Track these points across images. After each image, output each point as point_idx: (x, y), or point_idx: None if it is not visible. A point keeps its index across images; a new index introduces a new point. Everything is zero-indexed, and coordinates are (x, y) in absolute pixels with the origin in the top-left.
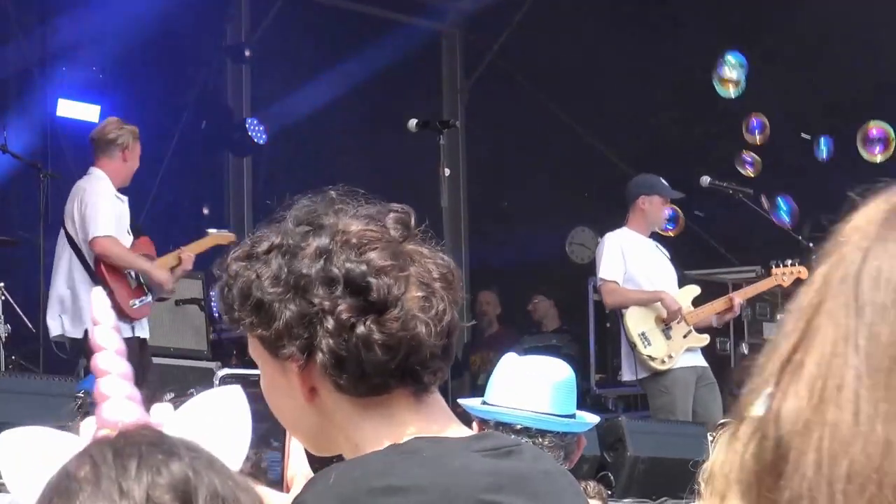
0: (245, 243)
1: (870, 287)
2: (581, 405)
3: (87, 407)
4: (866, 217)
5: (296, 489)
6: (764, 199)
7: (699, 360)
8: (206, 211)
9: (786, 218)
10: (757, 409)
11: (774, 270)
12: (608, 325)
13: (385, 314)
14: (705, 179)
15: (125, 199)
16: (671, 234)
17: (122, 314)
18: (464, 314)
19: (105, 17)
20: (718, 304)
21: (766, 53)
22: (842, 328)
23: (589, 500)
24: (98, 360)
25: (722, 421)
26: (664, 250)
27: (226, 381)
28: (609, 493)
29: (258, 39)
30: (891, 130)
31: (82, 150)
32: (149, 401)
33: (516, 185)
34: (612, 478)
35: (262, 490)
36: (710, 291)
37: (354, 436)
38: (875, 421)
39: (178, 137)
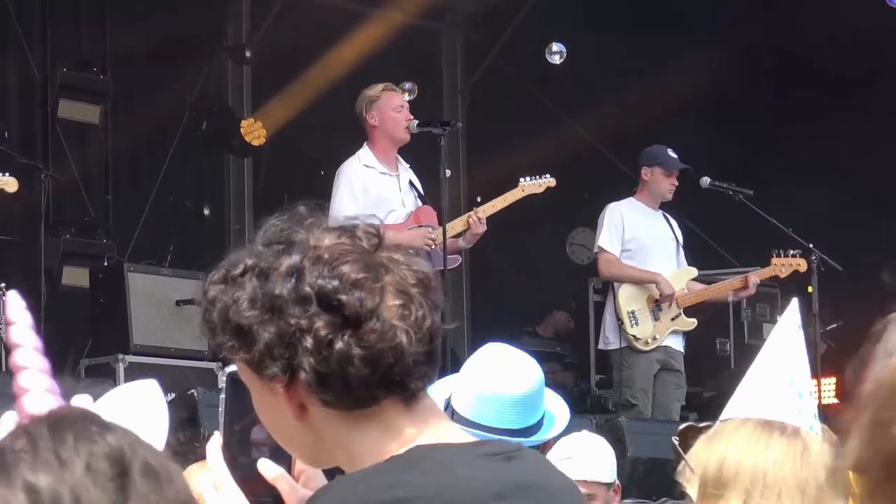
0: (221, 267)
1: None
2: (581, 406)
3: None
4: None
5: (309, 484)
6: None
7: (675, 343)
8: (206, 211)
9: None
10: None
11: (774, 260)
12: None
13: (362, 327)
14: (705, 180)
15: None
16: None
17: None
18: (465, 317)
19: (106, 17)
20: (713, 290)
21: None
22: None
23: None
24: (16, 357)
25: (691, 424)
26: (673, 222)
27: (231, 379)
28: None
29: (259, 40)
30: None
31: (83, 150)
32: None
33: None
34: None
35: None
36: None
37: (350, 449)
38: None
39: (178, 138)
